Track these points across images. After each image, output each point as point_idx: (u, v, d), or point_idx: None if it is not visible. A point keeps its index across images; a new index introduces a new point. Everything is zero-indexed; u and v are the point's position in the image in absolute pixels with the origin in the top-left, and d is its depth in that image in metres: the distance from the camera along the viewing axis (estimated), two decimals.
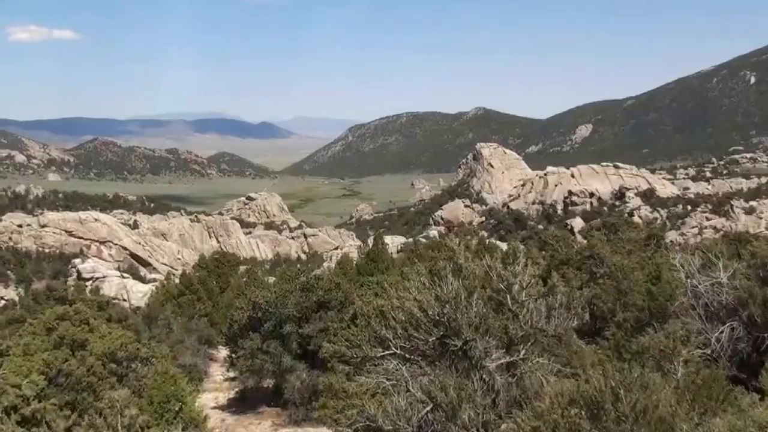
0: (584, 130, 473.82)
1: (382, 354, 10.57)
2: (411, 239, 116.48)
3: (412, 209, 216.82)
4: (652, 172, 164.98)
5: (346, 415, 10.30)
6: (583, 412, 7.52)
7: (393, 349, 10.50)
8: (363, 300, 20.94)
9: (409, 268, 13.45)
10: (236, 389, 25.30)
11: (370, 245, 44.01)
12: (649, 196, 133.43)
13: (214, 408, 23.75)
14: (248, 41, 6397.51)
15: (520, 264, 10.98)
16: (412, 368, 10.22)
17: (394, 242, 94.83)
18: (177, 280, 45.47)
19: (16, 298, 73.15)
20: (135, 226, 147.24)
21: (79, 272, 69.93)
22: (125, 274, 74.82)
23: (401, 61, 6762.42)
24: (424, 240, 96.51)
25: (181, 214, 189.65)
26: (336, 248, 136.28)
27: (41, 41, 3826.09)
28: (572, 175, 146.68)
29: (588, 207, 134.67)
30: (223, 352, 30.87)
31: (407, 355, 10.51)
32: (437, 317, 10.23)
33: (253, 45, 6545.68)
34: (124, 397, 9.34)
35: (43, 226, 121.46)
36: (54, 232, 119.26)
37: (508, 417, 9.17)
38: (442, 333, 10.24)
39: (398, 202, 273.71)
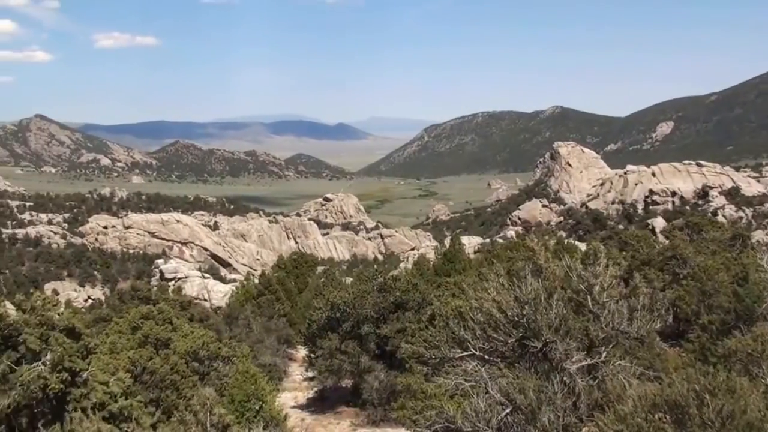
0: (665, 128, 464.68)
1: (461, 355, 10.53)
2: (488, 240, 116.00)
3: (488, 209, 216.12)
4: (737, 169, 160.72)
5: (425, 416, 10.27)
6: (667, 417, 7.37)
7: (471, 350, 10.45)
8: (441, 301, 20.92)
9: (487, 269, 13.36)
10: (315, 389, 25.52)
11: (447, 246, 43.88)
12: (733, 194, 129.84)
13: (294, 407, 24.02)
14: (325, 43, 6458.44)
15: (601, 264, 10.80)
16: (491, 370, 10.15)
17: (470, 243, 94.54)
18: (256, 281, 46.12)
19: (103, 298, 75.66)
20: (215, 227, 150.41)
21: (162, 272, 71.64)
22: (206, 275, 76.39)
23: (477, 60, 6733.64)
24: (501, 240, 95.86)
25: (260, 216, 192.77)
26: (413, 249, 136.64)
27: (125, 47, 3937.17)
28: (653, 174, 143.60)
29: (670, 206, 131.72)
30: (301, 351, 31.23)
31: (486, 357, 10.44)
32: (516, 318, 10.14)
33: (329, 47, 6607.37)
34: (213, 396, 9.51)
35: (127, 228, 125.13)
36: (138, 234, 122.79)
37: (590, 420, 9.05)
38: (521, 334, 10.15)
39: (474, 202, 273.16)
